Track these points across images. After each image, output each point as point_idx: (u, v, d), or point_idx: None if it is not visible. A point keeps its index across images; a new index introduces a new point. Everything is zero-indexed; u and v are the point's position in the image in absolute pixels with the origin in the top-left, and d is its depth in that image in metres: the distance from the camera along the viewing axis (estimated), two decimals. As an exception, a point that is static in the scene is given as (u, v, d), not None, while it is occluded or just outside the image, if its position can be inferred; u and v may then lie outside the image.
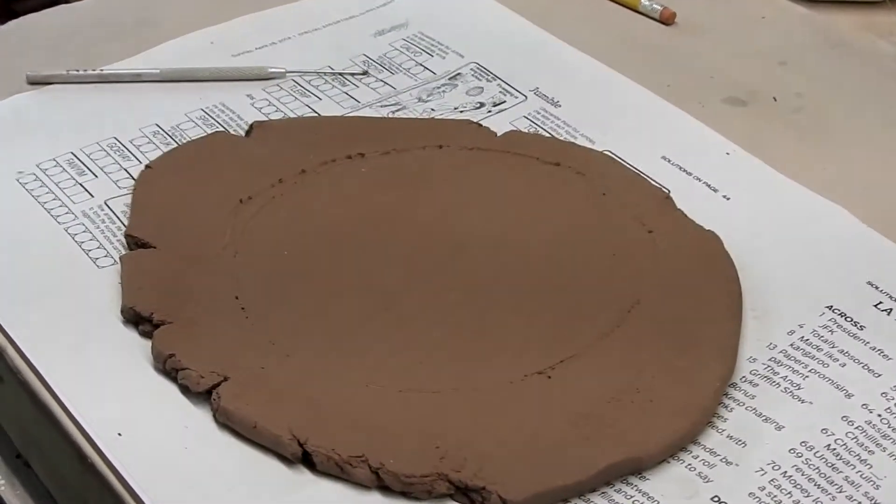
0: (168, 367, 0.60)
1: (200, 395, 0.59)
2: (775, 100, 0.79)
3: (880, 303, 0.65)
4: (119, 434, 0.58)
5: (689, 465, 0.58)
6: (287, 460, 0.57)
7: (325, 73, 0.80)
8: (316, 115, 0.76)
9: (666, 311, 0.64)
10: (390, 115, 0.76)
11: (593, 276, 0.65)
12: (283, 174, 0.70)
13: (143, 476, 0.56)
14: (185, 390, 0.60)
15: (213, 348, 0.61)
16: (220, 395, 0.59)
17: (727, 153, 0.74)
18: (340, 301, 0.63)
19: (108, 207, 0.69)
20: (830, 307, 0.65)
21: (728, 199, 0.72)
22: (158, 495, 0.56)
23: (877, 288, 0.66)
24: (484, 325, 0.63)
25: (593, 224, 0.68)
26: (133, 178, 0.71)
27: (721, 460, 0.58)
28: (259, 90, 0.78)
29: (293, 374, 0.60)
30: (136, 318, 0.63)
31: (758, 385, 0.61)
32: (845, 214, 0.70)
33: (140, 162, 0.72)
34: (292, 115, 0.76)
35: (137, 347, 0.62)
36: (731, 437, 0.59)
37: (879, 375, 0.61)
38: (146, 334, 0.62)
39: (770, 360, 0.62)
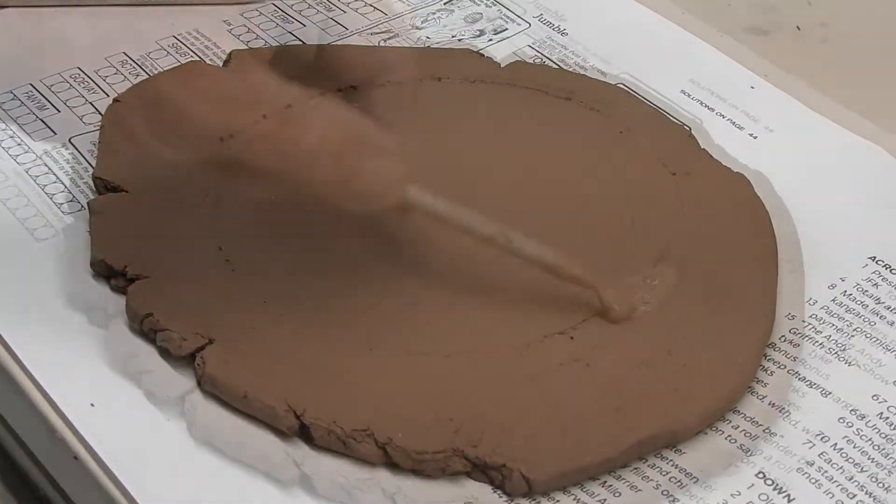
0: (146, 328, 0.54)
1: (183, 359, 0.53)
2: (798, 29, 0.73)
3: (927, 253, 0.59)
4: (92, 405, 0.51)
5: (729, 436, 0.52)
6: (283, 434, 0.51)
7: (308, -3, 0.73)
8: (300, 43, 0.70)
9: (695, 264, 0.58)
10: (382, 44, 0.70)
11: (615, 224, 0.59)
12: (268, 109, 0.63)
13: (120, 452, 0.50)
14: (166, 354, 0.53)
15: (196, 306, 0.54)
16: (205, 359, 0.52)
17: (752, 87, 0.68)
18: (338, 253, 0.57)
19: (73, 146, 0.63)
20: (874, 258, 0.59)
21: (755, 137, 0.65)
22: (137, 473, 0.49)
23: (923, 237, 0.60)
24: (498, 280, 0.56)
25: (612, 166, 0.62)
26: (100, 113, 0.64)
27: (764, 431, 0.52)
28: (236, 15, 0.71)
29: (287, 335, 0.53)
30: (107, 272, 0.56)
31: (799, 345, 0.56)
32: (884, 155, 0.64)
33: (107, 95, 0.66)
34: (274, 44, 0.69)
35: (110, 304, 0.55)
36: (773, 405, 0.53)
37: (932, 335, 0.56)
38: (120, 290, 0.56)
39: (811, 316, 0.57)
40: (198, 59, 0.68)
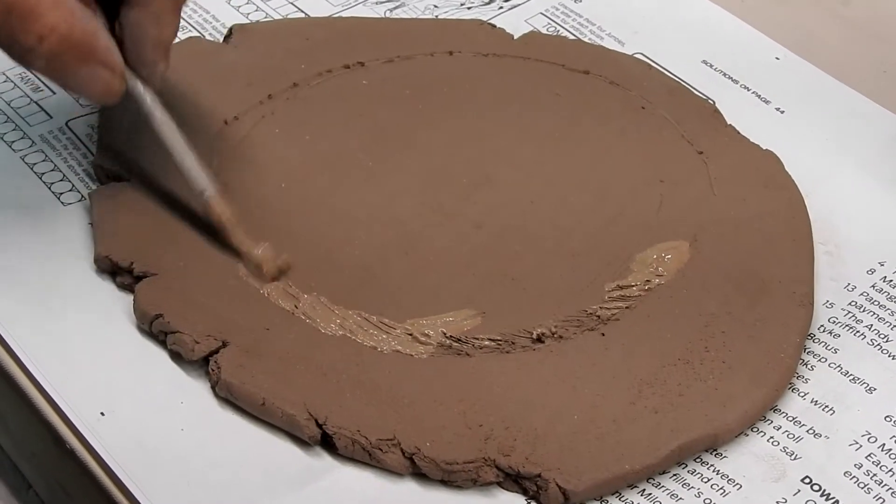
0: (155, 330, 0.51)
1: (197, 362, 0.50)
2: (825, -12, 0.70)
3: (970, 235, 0.57)
4: (102, 413, 0.49)
5: (772, 438, 0.50)
6: (304, 443, 0.48)
7: (309, -36, 0.69)
8: (304, 15, 0.66)
9: (727, 250, 0.55)
10: (388, 15, 0.67)
11: (641, 207, 0.56)
12: (273, 88, 0.60)
13: (132, 464, 0.47)
14: (178, 357, 0.50)
15: (208, 306, 0.51)
16: (220, 364, 0.49)
17: (776, 58, 0.65)
18: (351, 244, 0.54)
19: (70, 130, 0.59)
20: (914, 241, 0.57)
21: (782, 112, 0.63)
22: (150, 487, 0.47)
23: (964, 217, 0.57)
24: (519, 268, 0.54)
25: (634, 145, 0.59)
26: (97, 94, 0.61)
27: (808, 431, 0.50)
28: (235, -15, 0.68)
29: (304, 335, 0.51)
30: (112, 269, 0.53)
31: (839, 336, 0.53)
32: (922, 130, 0.61)
33: (103, 73, 0.62)
34: (276, 17, 0.66)
35: (117, 303, 0.52)
36: (815, 403, 0.51)
37: (979, 324, 0.53)
38: (126, 287, 0.53)
39: (850, 304, 0.54)
40: (197, 33, 0.65)
